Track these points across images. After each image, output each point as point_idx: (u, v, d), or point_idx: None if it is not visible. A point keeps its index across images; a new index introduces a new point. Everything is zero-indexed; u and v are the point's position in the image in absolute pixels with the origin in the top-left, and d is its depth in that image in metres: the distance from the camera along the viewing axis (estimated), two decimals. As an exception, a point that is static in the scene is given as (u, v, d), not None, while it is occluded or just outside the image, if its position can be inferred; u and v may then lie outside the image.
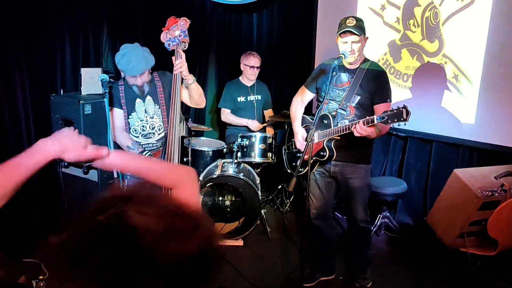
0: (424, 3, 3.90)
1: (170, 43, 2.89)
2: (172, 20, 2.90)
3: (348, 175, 2.98)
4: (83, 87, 3.88)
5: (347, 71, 2.92)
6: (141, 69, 2.81)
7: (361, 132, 2.59)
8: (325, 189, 3.10)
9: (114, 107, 3.00)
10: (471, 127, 3.79)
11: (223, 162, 4.06)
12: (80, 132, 4.17)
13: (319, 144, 2.92)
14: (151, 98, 3.03)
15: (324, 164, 3.01)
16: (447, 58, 3.84)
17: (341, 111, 2.88)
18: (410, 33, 4.02)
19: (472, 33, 3.67)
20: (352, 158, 2.95)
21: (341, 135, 2.79)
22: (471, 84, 3.75)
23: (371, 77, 2.85)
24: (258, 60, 4.41)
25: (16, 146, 4.43)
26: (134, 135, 3.05)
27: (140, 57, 2.80)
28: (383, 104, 2.84)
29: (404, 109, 2.47)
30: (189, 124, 4.21)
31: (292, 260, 3.59)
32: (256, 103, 4.53)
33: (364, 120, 2.59)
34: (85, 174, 3.80)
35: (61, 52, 4.49)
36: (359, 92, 2.85)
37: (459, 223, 3.50)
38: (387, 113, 2.52)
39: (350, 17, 2.81)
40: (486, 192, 3.31)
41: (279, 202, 4.56)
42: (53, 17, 4.36)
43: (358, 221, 3.08)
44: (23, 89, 4.35)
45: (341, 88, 2.91)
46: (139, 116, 3.02)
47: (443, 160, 4.03)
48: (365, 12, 4.30)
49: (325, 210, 3.17)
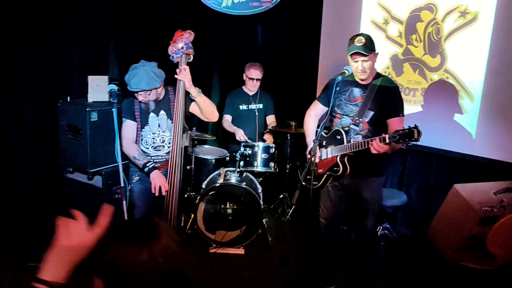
0: (426, 18, 3.97)
1: (174, 56, 2.94)
2: (178, 34, 2.96)
3: (361, 188, 2.99)
4: (89, 94, 3.94)
5: (359, 86, 2.92)
6: (141, 86, 2.84)
7: (378, 149, 2.61)
8: (336, 202, 3.11)
9: (127, 119, 3.05)
10: (472, 141, 3.84)
11: (226, 171, 4.11)
12: (85, 139, 4.21)
13: (332, 159, 2.93)
14: (165, 112, 3.08)
15: (338, 179, 3.02)
16: (448, 73, 3.90)
17: (353, 126, 2.88)
18: (413, 48, 4.08)
19: (474, 49, 3.73)
20: (366, 172, 2.95)
21: (354, 151, 2.80)
22: (472, 99, 3.81)
23: (383, 92, 2.86)
24: (259, 72, 4.43)
25: (21, 152, 4.48)
26: (144, 146, 3.09)
27: (143, 75, 2.83)
28: (396, 119, 2.84)
29: (415, 129, 2.46)
30: (192, 132, 4.26)
31: (293, 269, 3.63)
32: (257, 111, 4.57)
33: (380, 137, 2.60)
34: (89, 180, 3.85)
35: (68, 59, 4.55)
36: (372, 107, 2.85)
37: (459, 237, 3.55)
38: (398, 132, 2.53)
39: (359, 36, 2.81)
40: (485, 207, 3.37)
41: (280, 211, 4.60)
42: (61, 24, 4.41)
43: (366, 232, 3.10)
44: (29, 95, 4.40)
45: (354, 103, 2.91)
46: (151, 130, 3.07)
47: (444, 173, 4.07)
48: (368, 26, 4.36)
49: (334, 222, 3.19)
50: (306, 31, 5.04)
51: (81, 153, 3.82)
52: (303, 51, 5.09)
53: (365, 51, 2.73)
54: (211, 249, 3.88)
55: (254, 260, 3.79)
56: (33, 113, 4.44)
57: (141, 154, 3.03)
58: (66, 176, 3.98)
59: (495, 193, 3.38)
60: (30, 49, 4.26)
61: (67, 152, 3.94)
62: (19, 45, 4.19)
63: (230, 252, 3.87)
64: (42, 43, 4.34)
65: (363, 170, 2.92)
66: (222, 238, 3.97)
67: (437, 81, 3.98)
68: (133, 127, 3.04)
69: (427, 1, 3.96)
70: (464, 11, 3.75)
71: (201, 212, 3.98)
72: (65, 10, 4.42)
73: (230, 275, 3.52)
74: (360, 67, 2.79)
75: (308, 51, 4.97)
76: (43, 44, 4.34)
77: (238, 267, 3.65)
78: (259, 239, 4.04)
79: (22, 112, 4.35)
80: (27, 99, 4.36)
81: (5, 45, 4.07)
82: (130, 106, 3.05)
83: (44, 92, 4.45)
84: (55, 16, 4.38)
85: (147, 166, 2.95)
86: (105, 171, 3.84)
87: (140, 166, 3.02)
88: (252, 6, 4.96)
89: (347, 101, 2.93)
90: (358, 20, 4.45)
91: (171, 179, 2.94)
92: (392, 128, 2.81)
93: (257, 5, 4.95)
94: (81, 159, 3.83)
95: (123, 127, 3.05)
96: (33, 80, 4.35)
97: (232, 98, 4.59)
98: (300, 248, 3.87)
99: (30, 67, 4.30)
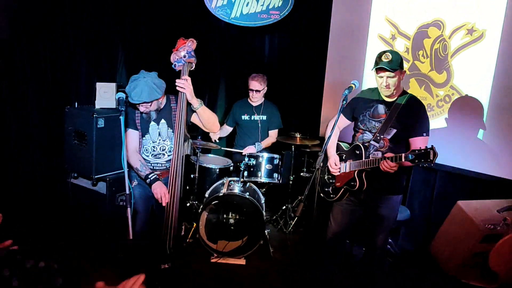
0: (434, 35, 4.00)
1: (176, 64, 2.94)
2: (181, 42, 2.95)
3: (378, 204, 2.97)
4: (97, 101, 3.98)
5: (384, 103, 2.89)
6: (142, 98, 2.83)
7: (386, 169, 2.62)
8: (348, 217, 3.09)
9: (128, 127, 3.03)
10: (476, 158, 3.84)
11: (229, 181, 4.12)
12: (91, 144, 4.26)
13: (350, 174, 2.91)
14: (165, 121, 3.07)
15: (355, 194, 3.00)
16: (454, 90, 3.92)
17: (374, 142, 2.86)
18: (419, 63, 4.10)
19: (480, 67, 3.75)
20: (383, 189, 2.93)
21: (372, 167, 2.79)
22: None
23: (408, 110, 2.81)
24: (259, 84, 4.42)
25: (26, 155, 4.52)
26: (145, 154, 3.09)
27: (144, 87, 2.82)
28: (420, 138, 2.80)
29: (431, 150, 2.44)
30: (197, 141, 4.28)
31: (294, 281, 3.62)
32: (260, 123, 4.58)
33: (392, 156, 2.60)
34: (93, 186, 3.86)
35: (77, 66, 4.60)
36: (395, 125, 2.82)
37: (461, 254, 3.53)
38: (415, 152, 2.50)
39: (387, 52, 2.78)
40: (488, 225, 3.36)
41: (282, 222, 4.60)
42: (71, 31, 4.47)
43: (377, 249, 3.08)
44: (38, 100, 4.45)
45: (377, 119, 2.89)
46: (152, 138, 3.06)
47: (447, 189, 4.07)
48: (375, 41, 4.40)
49: (342, 236, 3.18)
50: (313, 44, 5.08)
51: (86, 158, 3.84)
52: (310, 64, 5.13)
53: (391, 67, 2.71)
54: (213, 259, 3.87)
55: (255, 271, 3.78)
56: (41, 117, 4.48)
57: (144, 165, 3.02)
58: (70, 181, 4.00)
59: (498, 210, 3.38)
60: (41, 56, 4.32)
61: (72, 157, 3.96)
62: (30, 52, 4.25)
63: (231, 262, 3.86)
64: (49, 47, 4.38)
65: (381, 187, 2.89)
66: (223, 248, 3.96)
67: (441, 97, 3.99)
68: (136, 136, 3.04)
69: (434, 18, 3.99)
70: (472, 28, 3.77)
71: (203, 221, 3.98)
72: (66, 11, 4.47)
73: (230, 285, 3.51)
74: (384, 83, 2.77)
75: (315, 63, 5.01)
76: (55, 51, 4.39)
77: (238, 277, 3.64)
78: (260, 250, 4.03)
79: (30, 117, 4.40)
80: (36, 104, 4.40)
81: (11, 48, 4.13)
82: (131, 115, 3.04)
83: (54, 98, 4.49)
84: (67, 22, 4.44)
85: (150, 178, 2.94)
86: (109, 177, 3.86)
87: (142, 177, 3.01)
88: (260, 18, 5.01)
89: (371, 117, 2.91)
90: (365, 35, 4.48)
91: (172, 189, 2.92)
92: (414, 147, 2.79)
93: (265, 17, 5.01)
94: (86, 164, 3.85)
95: (126, 136, 3.02)
96: (43, 86, 4.40)
97: (235, 108, 4.62)
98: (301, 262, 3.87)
99: (40, 74, 4.35)
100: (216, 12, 5.00)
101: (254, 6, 5.00)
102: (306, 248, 4.20)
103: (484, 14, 3.70)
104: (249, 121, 4.57)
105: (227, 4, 4.99)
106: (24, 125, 4.38)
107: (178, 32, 4.75)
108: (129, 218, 2.29)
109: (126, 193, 2.35)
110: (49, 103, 4.51)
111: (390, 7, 4.31)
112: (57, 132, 4.34)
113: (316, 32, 5.04)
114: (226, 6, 5.00)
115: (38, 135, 4.52)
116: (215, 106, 5.37)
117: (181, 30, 4.86)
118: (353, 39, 4.60)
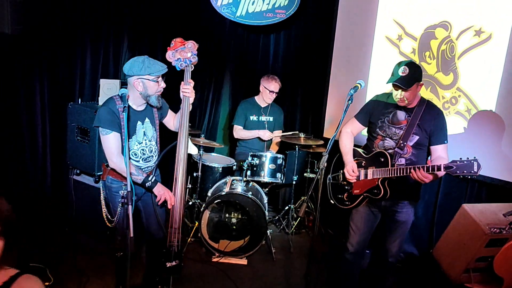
0: (441, 36, 3.95)
1: (182, 63, 2.87)
2: (180, 42, 2.90)
3: (397, 209, 2.92)
4: (100, 97, 3.96)
5: (403, 109, 2.83)
6: (165, 68, 2.70)
7: (422, 179, 2.56)
8: (369, 224, 3.03)
9: (113, 130, 2.66)
10: (481, 161, 3.79)
11: (232, 180, 4.09)
12: (94, 141, 4.24)
13: (373, 182, 2.84)
14: (149, 120, 2.88)
15: (375, 201, 2.93)
16: (461, 92, 3.87)
17: (398, 150, 2.80)
18: (426, 65, 4.06)
19: (487, 69, 3.70)
20: (404, 196, 2.89)
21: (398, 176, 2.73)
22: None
23: (429, 117, 2.78)
24: (279, 85, 4.47)
25: (31, 150, 4.51)
26: (134, 159, 2.81)
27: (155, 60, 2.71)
28: (441, 146, 2.77)
29: (475, 161, 2.35)
30: (201, 139, 4.26)
31: (295, 283, 3.59)
32: (267, 123, 4.58)
33: (426, 166, 2.54)
34: (96, 183, 3.85)
35: (81, 63, 4.60)
36: (417, 132, 2.77)
37: (465, 258, 3.49)
38: (455, 162, 2.42)
39: (405, 65, 2.67)
40: (494, 229, 3.31)
41: (285, 223, 4.57)
42: (76, 28, 4.47)
43: (390, 255, 3.02)
44: (42, 96, 4.45)
45: (397, 126, 2.83)
46: (137, 139, 2.81)
47: (452, 193, 4.02)
48: (381, 41, 4.36)
49: (363, 247, 3.10)
50: (318, 44, 5.05)
51: (88, 155, 3.83)
52: (315, 64, 5.10)
53: (404, 84, 2.64)
54: (214, 258, 3.85)
55: (256, 271, 3.76)
56: (45, 113, 4.49)
57: (137, 168, 2.76)
58: (73, 177, 3.98)
59: (504, 214, 3.33)
60: (46, 52, 4.32)
61: (74, 154, 3.95)
62: (36, 48, 4.24)
63: (233, 262, 3.84)
64: (59, 46, 4.39)
65: (401, 194, 2.85)
66: (225, 247, 3.94)
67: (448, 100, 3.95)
68: (119, 139, 2.70)
69: (442, 19, 3.95)
70: (479, 30, 3.73)
71: (205, 220, 3.96)
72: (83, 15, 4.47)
73: (231, 285, 3.49)
74: (399, 96, 2.72)
75: (320, 64, 4.98)
76: (60, 47, 4.39)
77: (240, 277, 3.62)
78: (262, 250, 4.01)
79: (35, 112, 4.40)
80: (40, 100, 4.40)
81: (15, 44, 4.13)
82: (113, 116, 2.66)
83: (58, 94, 4.50)
84: (73, 20, 4.43)
85: (149, 181, 2.76)
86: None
87: (139, 181, 2.73)
88: (266, 16, 4.99)
89: (390, 123, 2.86)
90: (372, 35, 4.45)
91: (176, 191, 2.83)
92: (437, 155, 2.75)
93: (271, 16, 4.98)
94: (89, 161, 3.84)
95: (109, 140, 2.67)
96: (48, 82, 4.40)
97: (243, 108, 4.59)
98: (303, 264, 3.83)
99: (46, 69, 4.35)
100: (221, 10, 4.98)
101: (260, 5, 4.97)
102: (309, 250, 4.17)
103: (492, 15, 3.66)
104: (256, 122, 4.56)
105: (233, 2, 4.96)
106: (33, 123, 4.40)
107: (183, 29, 4.77)
108: (130, 216, 2.26)
109: (128, 190, 2.31)
110: (55, 100, 4.51)
111: (397, 8, 4.27)
112: (60, 128, 4.34)
113: (321, 32, 5.01)
114: (231, 4, 4.97)
115: (41, 131, 4.52)
116: (219, 105, 5.35)
117: (186, 27, 4.90)
118: (359, 39, 4.57)
